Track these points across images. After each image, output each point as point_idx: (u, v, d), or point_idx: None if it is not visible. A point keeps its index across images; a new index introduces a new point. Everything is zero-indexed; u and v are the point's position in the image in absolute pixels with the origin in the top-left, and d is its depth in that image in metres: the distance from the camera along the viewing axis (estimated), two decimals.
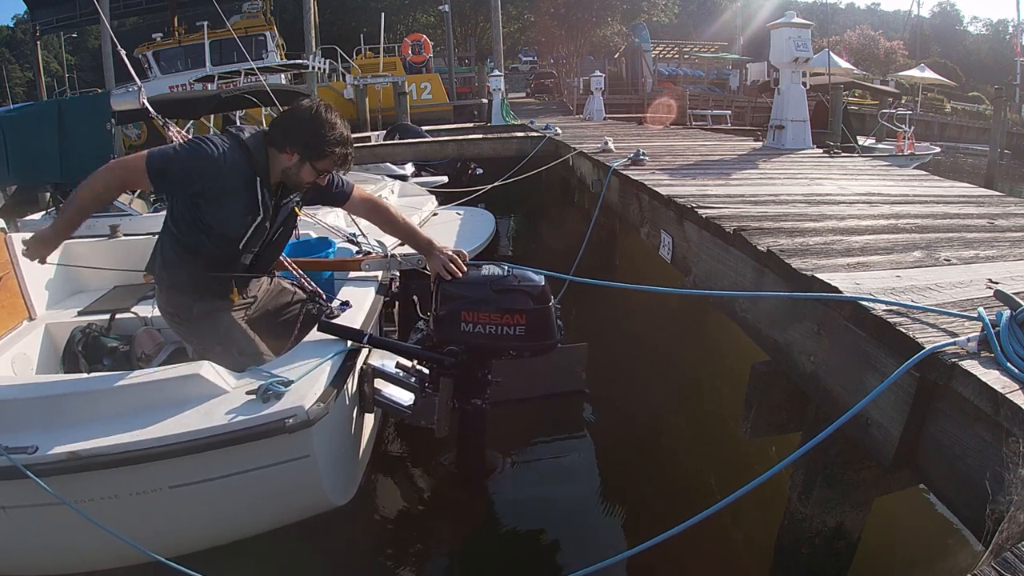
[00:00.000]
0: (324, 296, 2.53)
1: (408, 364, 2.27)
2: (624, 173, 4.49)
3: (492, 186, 6.20)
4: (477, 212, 5.42)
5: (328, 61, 18.10)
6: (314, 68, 15.65)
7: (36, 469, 1.62)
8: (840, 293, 1.79)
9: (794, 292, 2.02)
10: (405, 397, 2.26)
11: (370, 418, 2.39)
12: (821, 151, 5.86)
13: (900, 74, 23.71)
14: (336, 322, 2.19)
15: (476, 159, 8.91)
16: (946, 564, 2.47)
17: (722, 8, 34.49)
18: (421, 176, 7.73)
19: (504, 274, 2.09)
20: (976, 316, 1.50)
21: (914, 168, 7.27)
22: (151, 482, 1.76)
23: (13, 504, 1.74)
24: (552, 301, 2.10)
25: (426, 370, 2.22)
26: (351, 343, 2.12)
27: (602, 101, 13.92)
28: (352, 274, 2.78)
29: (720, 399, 3.59)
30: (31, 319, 2.82)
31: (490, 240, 4.78)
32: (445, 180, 7.39)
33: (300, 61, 15.60)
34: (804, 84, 6.00)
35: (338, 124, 2.00)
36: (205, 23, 17.72)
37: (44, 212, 5.84)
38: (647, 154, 5.12)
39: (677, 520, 1.42)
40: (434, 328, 2.16)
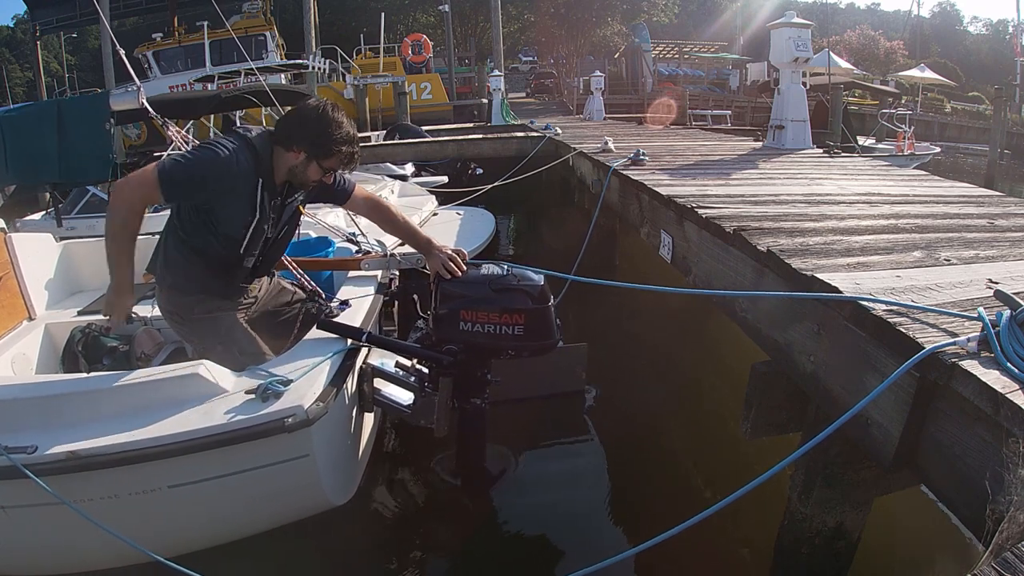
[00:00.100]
0: (323, 295, 2.54)
1: (408, 363, 2.27)
2: (624, 173, 4.48)
3: (492, 186, 6.20)
4: (477, 212, 5.42)
5: (328, 61, 18.10)
6: (314, 68, 15.65)
7: (36, 469, 1.62)
8: (840, 293, 1.79)
9: (794, 292, 2.02)
10: (405, 396, 2.26)
11: (370, 417, 2.39)
12: (821, 151, 5.86)
13: (900, 74, 23.71)
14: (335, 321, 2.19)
15: (476, 159, 8.91)
16: (946, 564, 2.46)
17: (722, 8, 34.49)
18: (421, 176, 7.73)
19: (503, 273, 2.09)
20: (976, 316, 1.50)
21: (914, 168, 7.27)
22: (150, 482, 1.76)
23: (13, 504, 1.74)
24: (551, 301, 2.09)
25: (426, 369, 2.22)
26: (350, 342, 2.12)
27: (602, 101, 13.92)
28: (351, 273, 2.78)
29: (720, 399, 3.59)
30: (31, 319, 2.82)
31: (490, 240, 4.78)
32: (445, 180, 7.38)
33: (300, 61, 15.60)
34: (804, 84, 5.99)
35: (344, 123, 2.02)
36: (205, 23, 17.72)
37: (44, 212, 5.85)
38: (647, 154, 5.11)
39: (677, 520, 1.42)
40: (433, 327, 2.16)
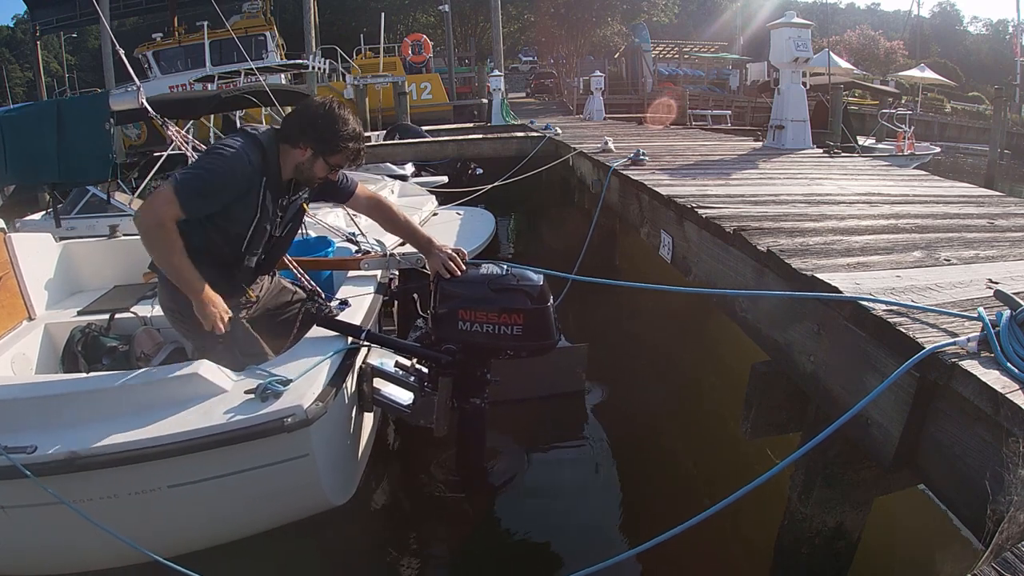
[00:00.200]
0: (323, 295, 2.53)
1: (407, 363, 2.27)
2: (624, 173, 4.48)
3: (492, 186, 6.21)
4: (477, 212, 5.42)
5: (328, 61, 18.09)
6: (314, 68, 15.65)
7: (35, 469, 1.62)
8: (840, 293, 1.79)
9: (794, 292, 2.02)
10: (404, 396, 2.26)
11: (369, 417, 2.39)
12: (821, 151, 5.86)
13: (900, 74, 23.69)
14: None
15: (476, 159, 8.91)
16: (946, 564, 2.46)
17: (722, 8, 34.47)
18: (421, 176, 7.73)
19: (503, 273, 2.09)
20: (976, 316, 1.50)
21: (914, 168, 7.27)
22: (150, 482, 1.76)
23: (12, 504, 1.73)
24: (551, 301, 2.09)
25: (425, 369, 2.22)
26: (350, 341, 2.12)
27: (602, 101, 13.93)
28: (351, 273, 2.78)
29: (720, 399, 3.59)
30: (31, 319, 2.81)
31: (490, 240, 4.78)
32: (445, 180, 7.39)
33: (300, 61, 15.59)
34: (804, 84, 6.00)
35: (350, 120, 2.03)
36: (205, 23, 17.73)
37: (44, 212, 5.85)
38: (647, 154, 5.12)
39: (677, 520, 1.42)
40: (432, 326, 2.16)
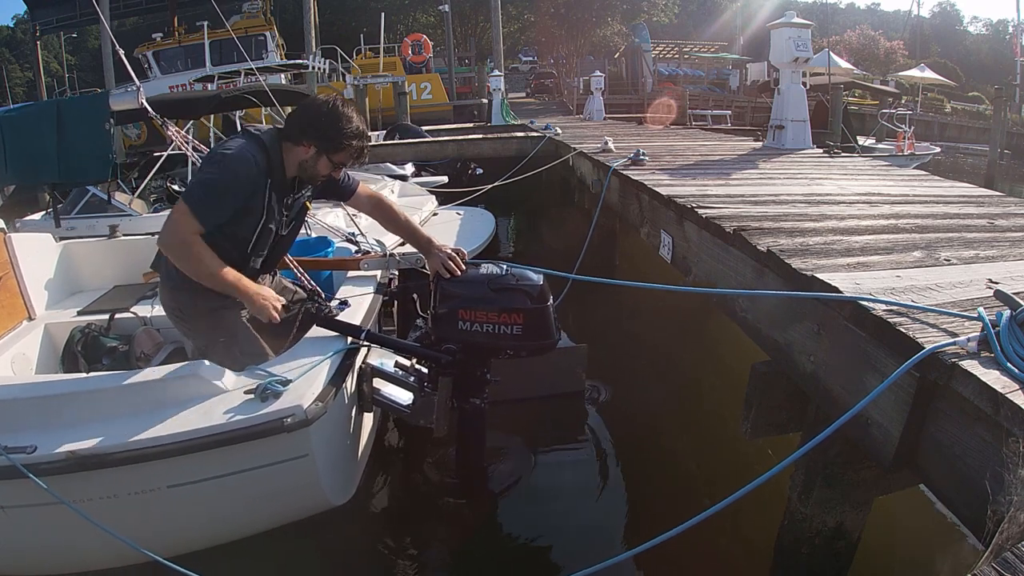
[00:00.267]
0: (323, 295, 2.53)
1: (407, 363, 2.26)
2: (624, 173, 4.48)
3: (492, 186, 6.21)
4: (477, 212, 5.42)
5: (328, 61, 18.08)
6: (314, 68, 15.63)
7: (35, 469, 1.62)
8: (840, 293, 1.79)
9: (794, 292, 2.01)
10: (404, 396, 2.25)
11: (369, 417, 2.39)
12: (821, 151, 5.86)
13: (900, 74, 23.70)
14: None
15: (476, 159, 8.91)
16: (946, 564, 2.46)
17: (722, 8, 34.47)
18: (421, 176, 7.73)
19: (502, 273, 2.09)
20: (976, 316, 1.50)
21: (914, 168, 7.27)
22: (150, 482, 1.76)
23: (12, 504, 1.73)
24: (550, 301, 2.09)
25: (425, 369, 2.21)
26: (350, 341, 2.12)
27: (602, 101, 13.93)
28: (351, 273, 2.78)
29: (720, 399, 3.59)
30: (31, 319, 2.82)
31: (490, 240, 4.78)
32: (445, 180, 7.39)
33: (300, 61, 15.57)
34: (804, 84, 6.00)
35: (354, 117, 2.03)
36: (205, 23, 17.70)
37: (43, 212, 5.85)
38: (647, 154, 5.11)
39: (677, 520, 1.42)
40: (432, 326, 2.16)
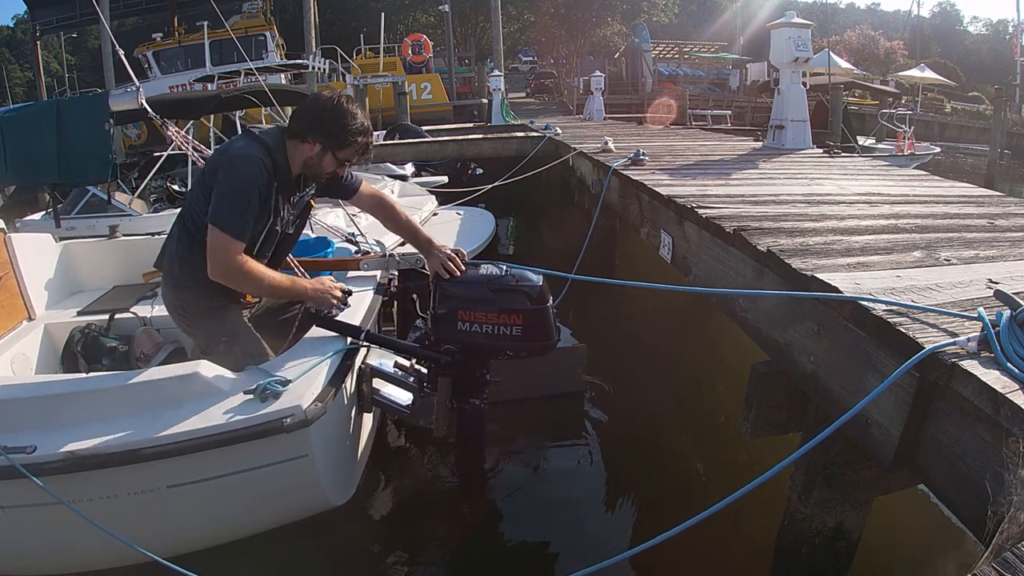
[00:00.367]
0: None
1: (407, 364, 2.26)
2: (624, 173, 4.48)
3: (492, 186, 6.21)
4: (477, 212, 5.42)
5: (328, 61, 18.07)
6: (314, 68, 15.61)
7: (35, 469, 1.62)
8: (840, 293, 1.79)
9: (794, 292, 2.01)
10: (404, 397, 2.25)
11: (368, 418, 2.39)
12: (821, 151, 5.86)
13: (900, 74, 23.69)
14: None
15: (476, 159, 8.91)
16: (946, 564, 2.46)
17: (722, 8, 34.48)
18: (421, 176, 7.73)
19: (502, 274, 2.08)
20: (976, 316, 1.50)
21: (914, 168, 7.27)
22: (149, 482, 1.76)
23: (12, 504, 1.73)
24: (550, 302, 2.09)
25: (424, 369, 2.21)
26: (349, 341, 2.12)
27: (602, 101, 13.93)
28: (351, 273, 2.78)
29: (720, 399, 3.59)
30: (30, 319, 2.81)
31: (490, 240, 4.78)
32: (445, 180, 7.39)
33: (300, 61, 15.55)
34: (804, 84, 6.00)
35: (359, 114, 2.02)
36: (205, 23, 17.68)
37: (43, 212, 5.85)
38: (647, 154, 5.12)
39: (677, 520, 1.42)
40: (431, 327, 2.15)
